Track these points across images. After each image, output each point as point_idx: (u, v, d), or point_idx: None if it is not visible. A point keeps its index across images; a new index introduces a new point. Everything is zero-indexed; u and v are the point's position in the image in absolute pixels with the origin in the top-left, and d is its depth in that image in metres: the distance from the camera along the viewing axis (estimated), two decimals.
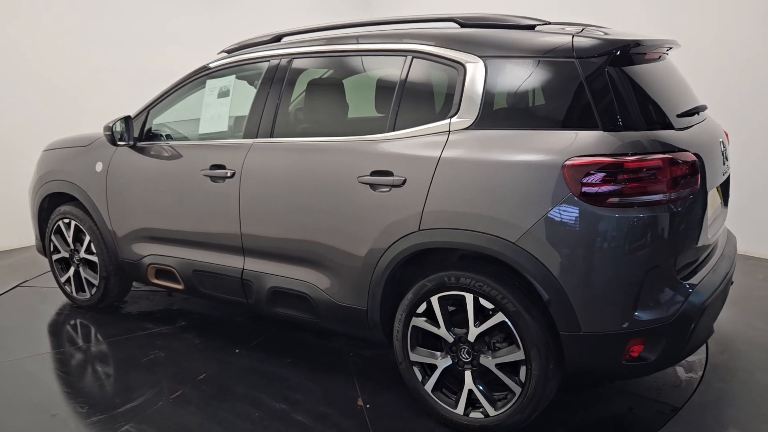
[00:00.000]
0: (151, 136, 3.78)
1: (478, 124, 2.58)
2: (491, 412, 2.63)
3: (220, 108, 3.46)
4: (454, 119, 2.63)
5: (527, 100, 2.58)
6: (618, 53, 2.46)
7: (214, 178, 3.33)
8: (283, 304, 3.23)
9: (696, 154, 2.45)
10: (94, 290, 4.17)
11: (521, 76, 2.58)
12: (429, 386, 2.79)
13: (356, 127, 3.01)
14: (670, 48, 2.90)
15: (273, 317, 3.44)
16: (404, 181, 2.67)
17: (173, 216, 3.58)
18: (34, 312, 4.35)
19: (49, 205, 4.34)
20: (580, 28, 2.70)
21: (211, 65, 3.55)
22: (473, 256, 2.72)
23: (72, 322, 4.14)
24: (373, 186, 2.76)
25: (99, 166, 3.90)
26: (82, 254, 4.14)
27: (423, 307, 2.74)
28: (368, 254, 2.82)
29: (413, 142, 2.71)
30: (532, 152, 2.42)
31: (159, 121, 3.82)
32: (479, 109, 2.58)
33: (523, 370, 2.53)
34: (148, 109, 3.76)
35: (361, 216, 2.82)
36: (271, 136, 3.19)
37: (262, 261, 3.26)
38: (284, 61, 3.23)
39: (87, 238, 4.08)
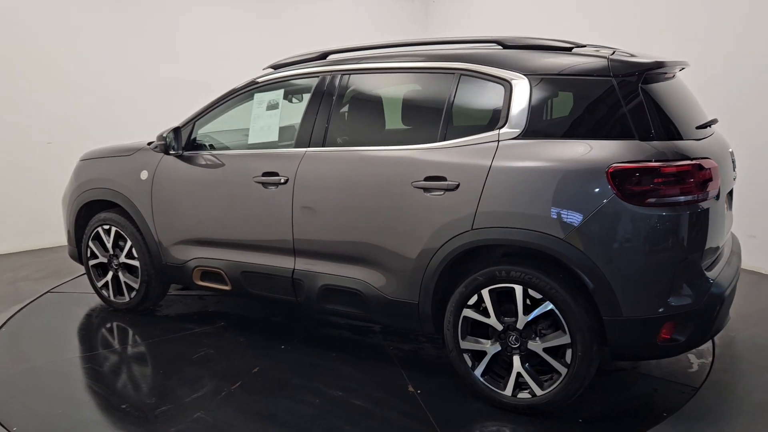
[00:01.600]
0: (196, 145, 4.01)
1: (525, 134, 2.90)
2: (538, 392, 2.93)
3: (269, 119, 3.72)
4: (503, 130, 2.95)
5: (569, 113, 2.92)
6: (648, 73, 2.82)
7: (266, 185, 3.58)
8: (334, 300, 3.49)
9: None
10: (133, 294, 4.35)
11: (563, 92, 2.92)
12: (479, 371, 3.08)
13: (407, 137, 3.30)
14: (683, 68, 3.28)
15: (321, 313, 3.68)
16: (458, 186, 2.97)
17: (222, 220, 3.80)
18: (71, 315, 4.50)
19: (87, 213, 4.51)
20: (611, 50, 3.06)
21: (259, 80, 3.80)
22: (516, 252, 3.03)
23: (113, 324, 4.30)
24: (427, 190, 3.06)
25: (144, 174, 4.11)
26: (123, 259, 4.33)
27: (474, 299, 3.03)
28: (422, 252, 3.11)
29: (464, 151, 3.02)
30: (577, 159, 2.75)
31: (204, 132, 4.05)
32: (526, 121, 2.91)
33: (568, 352, 2.84)
34: (194, 120, 3.99)
35: (415, 217, 3.11)
36: (323, 146, 3.46)
37: (313, 261, 3.52)
38: (335, 76, 3.52)
39: (128, 244, 4.27)
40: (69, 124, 6.36)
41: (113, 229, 4.33)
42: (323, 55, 3.72)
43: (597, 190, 2.68)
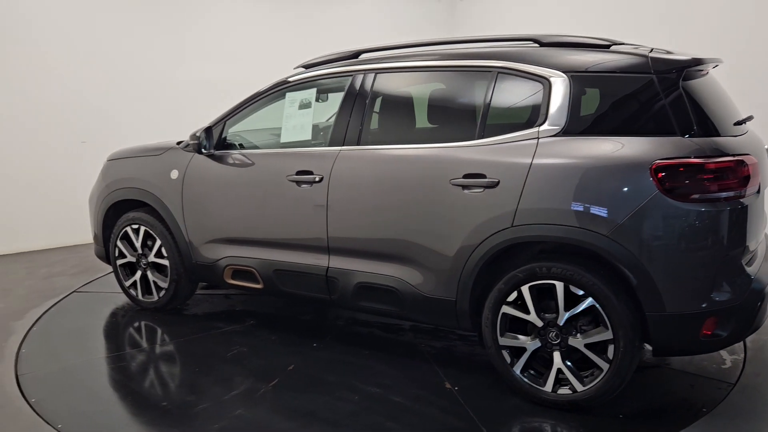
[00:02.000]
0: (227, 145, 4.03)
1: (566, 131, 2.92)
2: (579, 387, 2.94)
3: (301, 118, 3.74)
4: (542, 127, 2.97)
5: (609, 110, 2.93)
6: (688, 70, 2.84)
7: (300, 183, 3.59)
8: (369, 298, 3.51)
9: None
10: (162, 293, 4.36)
11: (602, 90, 2.94)
12: (518, 368, 3.09)
13: (443, 135, 3.32)
14: (716, 65, 3.29)
15: (355, 310, 3.70)
16: (498, 183, 2.99)
17: (255, 219, 3.82)
18: (100, 314, 4.52)
19: (114, 213, 4.53)
20: (649, 48, 3.07)
21: (291, 79, 3.82)
22: (554, 249, 3.04)
23: (142, 323, 4.32)
24: (465, 187, 3.08)
25: (175, 174, 4.13)
26: (152, 258, 4.34)
27: (513, 295, 3.05)
28: (460, 249, 3.13)
29: (503, 148, 3.03)
30: (620, 155, 2.77)
31: (234, 131, 4.07)
32: (566, 118, 2.93)
33: (610, 348, 2.85)
34: (225, 120, 4.01)
35: (454, 215, 3.13)
36: (358, 144, 3.48)
37: (348, 259, 3.53)
38: (369, 75, 3.53)
39: (157, 243, 4.29)
40: (103, 124, 6.63)
41: (142, 228, 4.34)
42: (355, 55, 3.74)
43: (640, 186, 2.70)
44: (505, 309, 3.08)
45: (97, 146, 5.97)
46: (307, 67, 3.88)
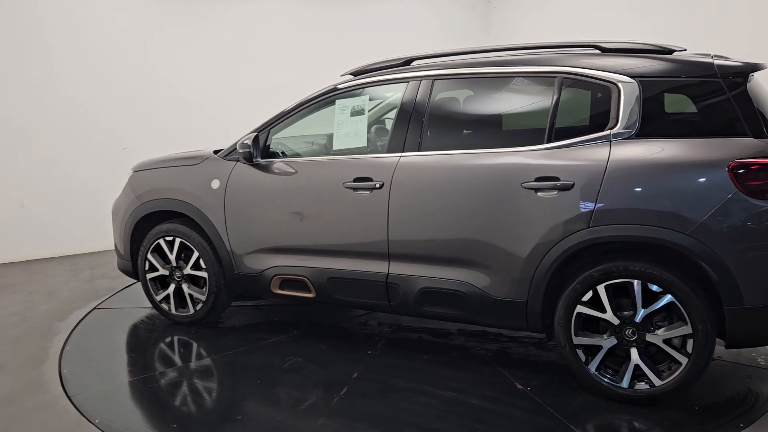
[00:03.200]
0: (270, 153, 3.98)
1: (638, 134, 3.03)
2: (657, 382, 3.03)
3: (354, 125, 3.73)
4: (614, 130, 3.07)
5: (680, 113, 3.06)
6: (753, 74, 2.99)
7: (358, 190, 3.58)
8: (433, 303, 3.52)
9: None
10: (199, 306, 4.26)
11: (671, 94, 3.06)
12: (593, 366, 3.16)
13: (509, 140, 3.38)
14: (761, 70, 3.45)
15: (417, 316, 3.70)
16: (573, 185, 3.06)
17: (307, 227, 3.78)
18: (132, 332, 4.37)
19: (143, 225, 4.40)
20: (709, 54, 3.21)
21: (341, 86, 3.81)
22: (624, 248, 3.13)
23: (179, 337, 4.20)
24: (538, 190, 3.14)
25: (215, 183, 4.04)
26: (188, 270, 4.23)
27: (589, 295, 3.12)
28: (533, 251, 3.18)
29: (576, 151, 3.12)
30: (697, 156, 2.89)
31: (278, 139, 4.03)
32: (638, 122, 3.03)
33: (689, 342, 2.96)
34: (269, 128, 3.96)
35: (526, 217, 3.18)
36: (419, 150, 3.50)
37: (410, 264, 3.54)
38: (428, 81, 3.56)
39: (194, 255, 4.18)
40: (144, 131, 7.00)
41: (177, 240, 4.23)
42: (407, 62, 3.76)
43: (719, 185, 2.82)
44: (580, 308, 3.15)
45: (137, 152, 6.00)
46: (356, 74, 3.88)
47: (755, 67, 3.01)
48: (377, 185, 3.53)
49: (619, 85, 3.10)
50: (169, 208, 4.24)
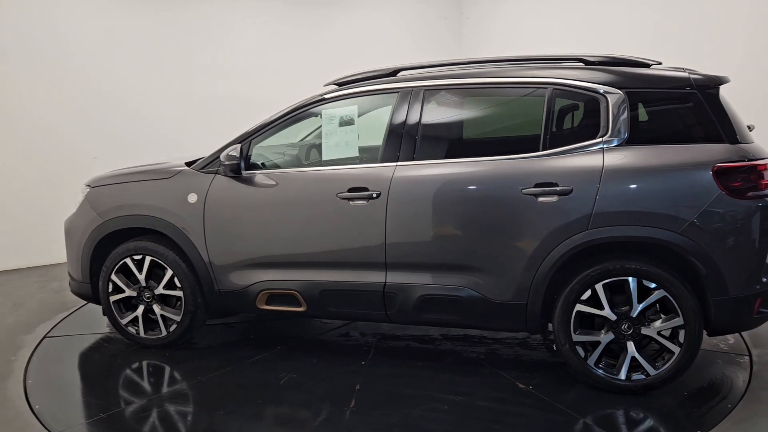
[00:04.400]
0: (251, 165, 3.86)
1: (628, 141, 3.25)
2: (652, 372, 3.26)
3: (344, 135, 3.71)
4: (606, 138, 3.27)
5: (663, 122, 3.32)
6: (721, 86, 3.30)
7: (353, 200, 3.57)
8: (432, 310, 3.56)
9: None
10: (173, 327, 4.04)
11: (656, 104, 3.31)
12: (591, 360, 3.34)
13: (504, 148, 3.49)
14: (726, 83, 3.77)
15: (414, 324, 3.73)
16: (571, 190, 3.24)
17: (298, 240, 3.71)
18: (98, 361, 4.06)
19: (105, 244, 4.12)
20: (682, 67, 3.50)
21: (327, 96, 3.78)
22: (617, 248, 3.33)
23: (154, 363, 3.95)
24: (538, 196, 3.29)
25: (193, 197, 3.87)
26: (161, 290, 4.00)
27: (587, 294, 3.30)
28: (533, 254, 3.32)
29: (571, 158, 3.29)
30: (683, 161, 3.15)
31: (259, 150, 3.92)
32: (627, 130, 3.26)
33: (681, 333, 3.20)
34: (250, 138, 3.85)
35: (527, 222, 3.32)
36: (414, 159, 3.54)
37: (408, 273, 3.56)
38: (419, 91, 3.62)
39: (168, 273, 3.97)
40: (113, 140, 6.86)
41: (147, 258, 3.99)
42: (393, 72, 3.80)
43: (705, 187, 3.09)
44: (579, 307, 3.32)
45: (107, 161, 5.85)
46: (341, 84, 3.87)
47: (723, 80, 3.33)
48: (374, 195, 3.54)
49: (607, 96, 3.32)
50: (140, 225, 4.00)
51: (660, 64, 3.54)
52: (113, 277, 4.08)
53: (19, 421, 3.23)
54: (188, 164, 4.04)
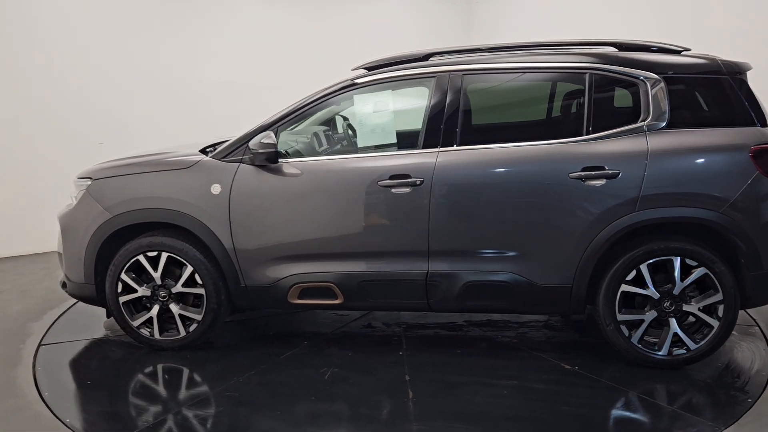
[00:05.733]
0: (278, 153, 3.68)
1: (669, 125, 3.36)
2: (693, 346, 3.41)
3: (380, 121, 3.61)
4: (648, 122, 3.37)
5: (698, 106, 3.44)
6: (747, 72, 3.48)
7: (394, 188, 3.48)
8: (477, 296, 3.55)
9: None
10: (193, 327, 3.80)
11: (691, 88, 3.43)
12: (635, 338, 3.45)
13: (547, 132, 3.52)
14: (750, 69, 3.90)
15: (457, 311, 3.71)
16: (618, 173, 3.31)
17: (336, 230, 3.58)
18: (108, 366, 3.76)
19: (112, 241, 3.81)
20: (709, 55, 3.63)
21: (359, 81, 3.66)
22: (658, 229, 3.43)
23: (175, 367, 3.71)
24: (584, 180, 3.34)
25: (216, 189, 3.64)
26: (179, 288, 3.75)
27: (632, 274, 3.39)
28: (580, 237, 3.38)
29: (616, 142, 3.37)
30: (722, 144, 3.30)
31: (285, 137, 3.75)
32: (667, 113, 3.37)
33: (720, 308, 3.36)
34: (277, 125, 3.67)
35: (574, 206, 3.36)
36: (457, 145, 3.50)
37: (452, 260, 3.53)
38: (457, 76, 3.57)
39: (187, 270, 3.72)
40: (119, 126, 6.75)
41: (164, 254, 3.73)
42: (426, 57, 3.73)
43: (744, 168, 3.25)
44: (625, 287, 3.41)
45: (114, 147, 5.63)
46: (371, 69, 3.75)
47: (748, 66, 3.50)
48: (417, 182, 3.47)
49: (647, 81, 3.41)
50: (156, 219, 3.72)
51: (689, 50, 3.67)
52: (123, 276, 3.78)
53: (30, 411, 3.19)
54: (204, 152, 3.80)
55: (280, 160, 3.63)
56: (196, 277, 3.74)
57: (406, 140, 3.70)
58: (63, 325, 4.40)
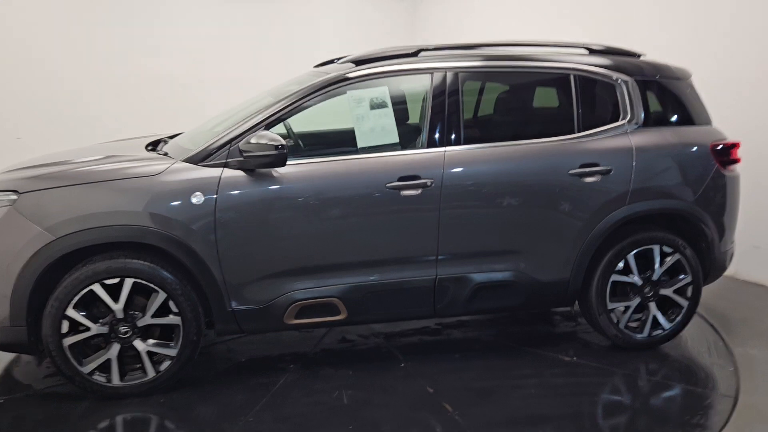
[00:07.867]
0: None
1: (645, 123, 3.64)
2: (667, 325, 3.74)
3: (379, 119, 3.36)
4: (627, 121, 3.61)
5: (663, 106, 3.77)
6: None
7: (403, 190, 3.28)
8: (485, 298, 3.50)
9: None
10: (165, 365, 3.18)
11: (657, 90, 3.75)
12: (622, 324, 3.68)
13: (542, 130, 3.57)
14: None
15: (464, 314, 3.62)
16: (611, 170, 3.50)
17: (341, 239, 3.26)
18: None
19: (51, 271, 3.03)
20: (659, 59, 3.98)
21: (351, 75, 3.37)
22: (639, 221, 3.68)
23: (161, 414, 3.08)
24: (582, 176, 3.48)
25: (198, 198, 3.09)
26: (148, 320, 3.11)
27: (621, 264, 3.62)
28: (579, 232, 3.51)
29: (605, 140, 3.56)
30: (691, 141, 3.67)
31: None
32: (643, 113, 3.65)
33: (689, 289, 3.73)
34: (263, 126, 3.22)
35: (574, 202, 3.49)
36: (461, 144, 3.41)
37: (462, 263, 3.43)
38: (451, 73, 3.45)
39: (158, 298, 3.10)
40: (39, 120, 6.44)
41: (127, 281, 3.06)
42: (415, 53, 3.56)
43: (707, 162, 3.66)
44: (615, 277, 3.62)
45: (32, 143, 5.60)
46: (358, 63, 3.47)
47: (691, 73, 3.94)
48: (428, 183, 3.30)
49: (623, 82, 3.65)
50: (121, 239, 3.03)
51: (645, 55, 4.00)
52: (71, 312, 3.03)
53: None
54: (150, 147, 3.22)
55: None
56: (170, 304, 3.13)
57: (403, 138, 3.51)
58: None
